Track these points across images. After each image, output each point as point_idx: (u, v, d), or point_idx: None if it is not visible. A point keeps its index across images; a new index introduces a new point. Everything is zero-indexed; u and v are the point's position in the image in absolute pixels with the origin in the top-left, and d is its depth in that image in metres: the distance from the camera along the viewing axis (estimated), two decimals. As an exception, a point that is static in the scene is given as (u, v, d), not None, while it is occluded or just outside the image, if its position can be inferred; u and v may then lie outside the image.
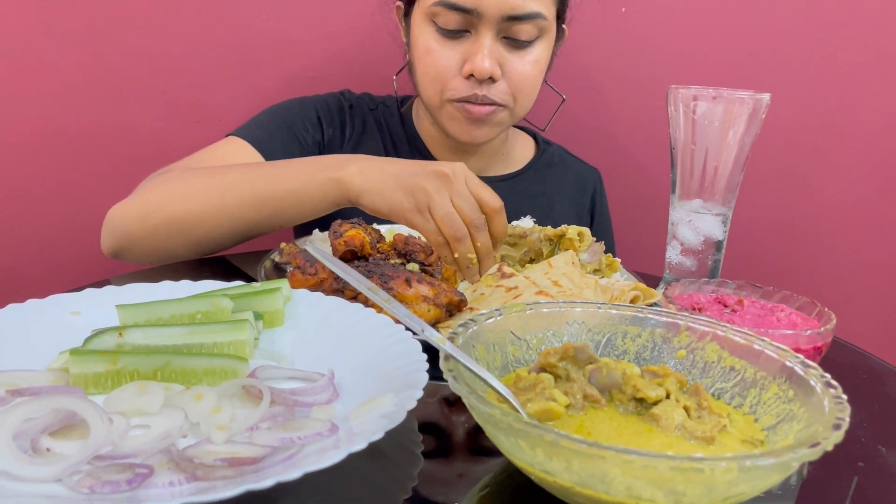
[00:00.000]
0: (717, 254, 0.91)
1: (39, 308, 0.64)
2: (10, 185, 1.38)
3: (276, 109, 1.18)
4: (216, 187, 0.93)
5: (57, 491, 0.43)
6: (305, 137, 1.17)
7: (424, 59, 1.09)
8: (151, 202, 0.95)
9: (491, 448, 0.56)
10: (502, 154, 1.30)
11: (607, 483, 0.41)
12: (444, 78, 1.07)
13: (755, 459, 0.38)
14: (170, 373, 0.57)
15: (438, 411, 0.62)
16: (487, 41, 1.03)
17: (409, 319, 0.56)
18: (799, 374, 0.52)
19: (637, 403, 0.53)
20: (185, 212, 0.93)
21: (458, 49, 1.06)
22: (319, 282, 0.77)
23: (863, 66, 1.43)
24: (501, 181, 1.27)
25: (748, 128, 0.86)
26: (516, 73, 1.08)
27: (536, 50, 1.09)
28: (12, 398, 0.50)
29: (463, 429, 0.60)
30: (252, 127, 1.13)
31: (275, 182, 0.92)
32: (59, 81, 1.35)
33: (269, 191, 0.91)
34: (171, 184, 0.96)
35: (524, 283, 0.80)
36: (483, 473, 0.54)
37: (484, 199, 0.85)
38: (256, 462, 0.45)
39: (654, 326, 0.61)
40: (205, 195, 0.93)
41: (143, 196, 0.97)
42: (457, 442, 0.58)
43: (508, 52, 1.07)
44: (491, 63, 1.03)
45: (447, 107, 1.10)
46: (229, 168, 0.97)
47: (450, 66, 1.06)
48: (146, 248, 0.96)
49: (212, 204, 0.92)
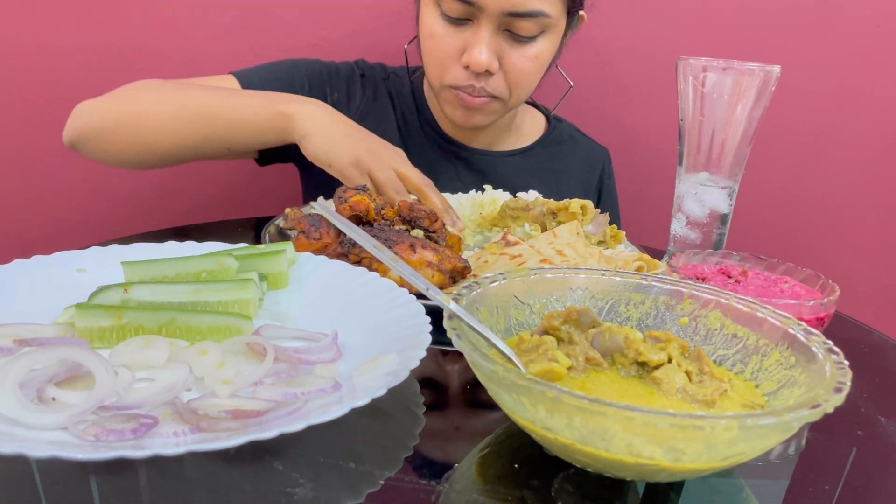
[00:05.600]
0: (722, 227, 0.90)
1: (45, 264, 0.64)
2: (16, 148, 1.39)
3: (282, 63, 1.19)
4: (178, 98, 1.00)
5: (63, 438, 0.43)
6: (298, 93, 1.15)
7: (427, 43, 1.08)
8: (117, 101, 1.01)
9: (492, 409, 0.57)
10: (510, 129, 1.29)
11: (608, 440, 0.41)
12: (444, 63, 1.07)
13: (756, 418, 0.39)
14: (174, 329, 0.57)
15: (440, 373, 0.63)
16: (486, 34, 1.02)
17: (413, 278, 0.56)
18: (801, 341, 0.52)
19: (639, 367, 0.53)
20: (144, 114, 0.99)
21: (459, 36, 1.05)
22: (324, 246, 0.77)
23: (874, 42, 1.42)
24: (509, 156, 1.27)
25: (757, 101, 0.85)
26: (514, 68, 1.06)
27: (538, 45, 1.06)
28: (19, 348, 0.51)
29: (464, 390, 0.60)
30: (251, 72, 1.14)
31: (231, 104, 0.99)
32: (67, 45, 1.34)
33: (223, 110, 0.98)
34: (142, 90, 1.03)
35: (528, 252, 0.80)
36: (484, 434, 0.54)
37: (409, 178, 0.93)
38: (261, 415, 0.46)
39: (658, 294, 0.61)
40: (166, 102, 0.99)
41: (113, 95, 1.02)
42: (458, 403, 0.58)
43: (509, 45, 1.05)
44: (488, 56, 1.02)
45: (445, 92, 1.10)
46: (200, 87, 1.03)
47: (450, 52, 1.06)
48: (102, 142, 1.01)
49: (170, 111, 0.99)
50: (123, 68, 1.37)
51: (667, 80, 1.01)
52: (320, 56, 1.25)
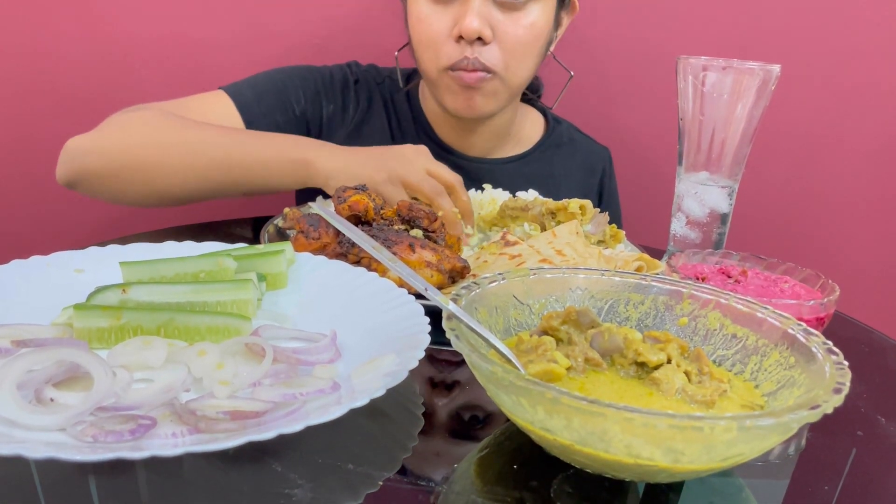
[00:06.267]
0: (722, 227, 0.90)
1: (43, 265, 0.64)
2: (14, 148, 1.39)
3: (275, 74, 1.16)
4: (190, 143, 0.95)
5: (60, 439, 0.43)
6: (294, 107, 1.15)
7: (417, 28, 1.07)
8: (117, 140, 0.96)
9: (491, 409, 0.57)
10: (509, 134, 1.27)
11: (607, 441, 0.41)
12: (436, 44, 1.05)
13: (755, 419, 0.39)
14: (173, 329, 0.57)
15: (439, 374, 0.63)
16: (475, 2, 1.01)
17: (412, 279, 0.56)
18: (801, 342, 0.52)
19: (638, 367, 0.53)
20: (154, 162, 0.94)
21: (449, 13, 1.04)
22: (323, 246, 0.77)
23: (874, 41, 1.42)
24: (507, 163, 1.25)
25: (757, 100, 0.85)
26: (508, 36, 1.04)
27: (531, 13, 1.05)
28: (17, 349, 0.51)
29: (463, 392, 0.60)
30: (244, 87, 1.11)
31: (247, 151, 0.95)
32: (60, 40, 1.34)
33: (239, 158, 0.95)
34: (144, 128, 0.97)
35: (528, 252, 0.80)
36: (483, 434, 0.54)
37: (442, 176, 0.93)
38: (259, 416, 0.46)
39: (657, 294, 0.61)
40: (177, 149, 0.95)
41: (111, 133, 0.97)
42: (457, 403, 0.58)
43: (501, 13, 1.04)
44: (480, 23, 1.00)
45: (443, 77, 1.07)
46: (206, 127, 0.99)
47: (441, 30, 1.04)
48: (107, 186, 0.96)
49: (183, 161, 0.94)
50: (123, 70, 1.37)
51: (666, 80, 1.01)
52: (317, 55, 1.25)
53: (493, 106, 1.11)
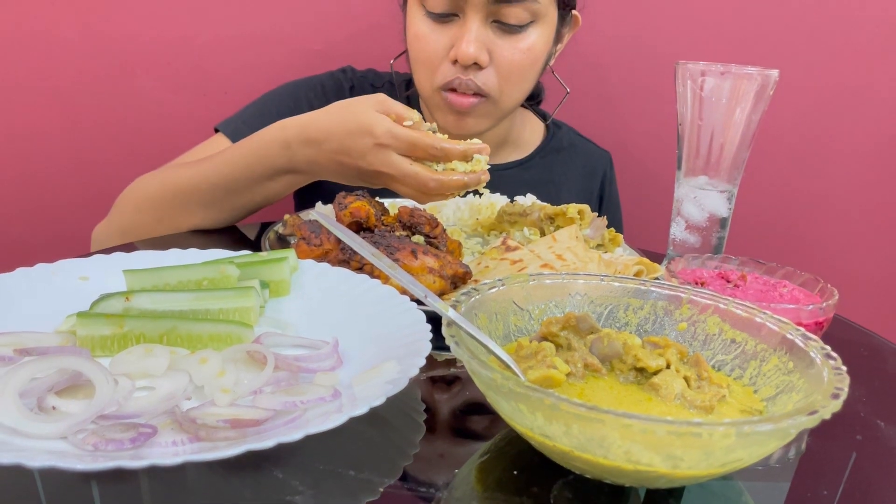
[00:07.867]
0: (722, 231, 0.91)
1: (48, 272, 0.65)
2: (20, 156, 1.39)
3: (265, 100, 1.16)
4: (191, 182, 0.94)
5: (62, 447, 0.43)
6: None
7: (415, 45, 1.06)
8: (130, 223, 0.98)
9: (491, 416, 0.57)
10: (509, 141, 1.26)
11: (606, 447, 0.41)
12: (432, 63, 1.04)
13: (753, 425, 0.39)
14: (175, 337, 0.57)
15: (441, 380, 0.63)
16: (473, 25, 0.99)
17: (412, 286, 0.56)
18: (799, 347, 0.52)
19: (637, 373, 0.53)
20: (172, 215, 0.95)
21: (446, 33, 1.03)
22: (325, 252, 0.77)
23: (873, 45, 1.42)
24: (506, 169, 1.24)
25: (756, 104, 0.85)
26: (505, 60, 1.03)
27: (530, 36, 1.04)
28: (19, 357, 0.51)
29: (464, 397, 0.60)
30: (237, 122, 1.11)
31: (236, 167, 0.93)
32: (66, 52, 1.35)
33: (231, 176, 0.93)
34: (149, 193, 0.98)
35: (529, 257, 0.81)
36: (483, 440, 0.54)
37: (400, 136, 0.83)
38: (259, 424, 0.46)
39: (657, 299, 0.61)
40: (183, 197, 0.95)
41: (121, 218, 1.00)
42: (458, 410, 0.58)
43: (499, 37, 1.02)
44: (476, 48, 0.99)
45: (436, 96, 1.07)
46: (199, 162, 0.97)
47: (438, 49, 1.03)
48: None
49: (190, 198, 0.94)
50: (127, 76, 1.38)
51: (665, 85, 1.01)
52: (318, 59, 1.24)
53: (484, 126, 1.11)
